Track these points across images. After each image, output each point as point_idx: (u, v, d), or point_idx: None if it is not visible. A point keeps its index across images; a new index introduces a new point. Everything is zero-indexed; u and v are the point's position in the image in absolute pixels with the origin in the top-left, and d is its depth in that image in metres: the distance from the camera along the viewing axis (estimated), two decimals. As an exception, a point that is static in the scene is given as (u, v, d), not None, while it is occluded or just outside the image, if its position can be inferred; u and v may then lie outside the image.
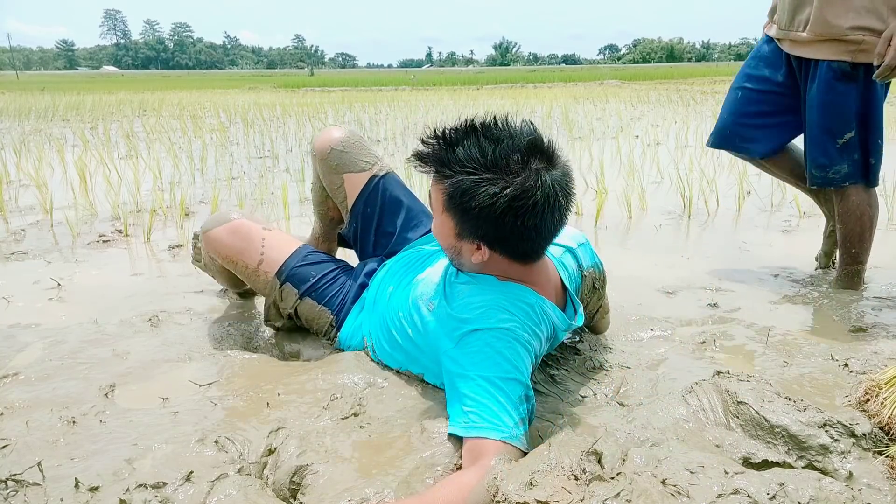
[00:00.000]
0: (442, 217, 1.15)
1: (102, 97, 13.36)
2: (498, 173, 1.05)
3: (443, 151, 1.10)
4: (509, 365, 1.08)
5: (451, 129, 1.11)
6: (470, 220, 1.10)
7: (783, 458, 1.06)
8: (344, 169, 1.58)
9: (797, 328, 1.71)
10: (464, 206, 1.08)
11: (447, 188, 1.10)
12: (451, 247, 1.18)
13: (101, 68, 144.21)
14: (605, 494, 0.89)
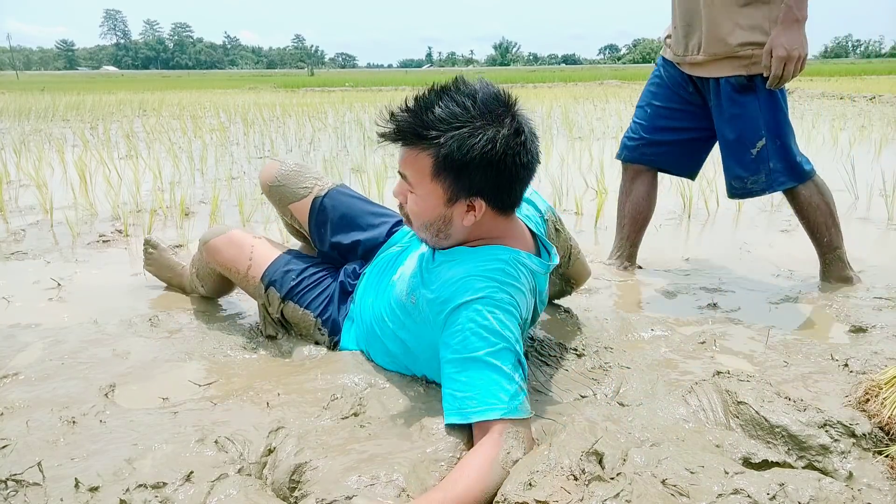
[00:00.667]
0: (429, 187, 1.13)
1: (102, 97, 13.36)
2: (488, 119, 1.09)
3: (420, 117, 1.10)
4: (495, 336, 1.08)
5: (422, 95, 1.12)
6: (468, 174, 1.11)
7: (783, 458, 1.06)
8: (287, 201, 1.63)
9: (797, 328, 1.71)
10: (463, 160, 1.09)
11: (438, 151, 1.09)
12: (440, 217, 1.16)
13: (101, 68, 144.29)
14: (604, 494, 0.89)
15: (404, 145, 1.13)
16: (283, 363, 1.49)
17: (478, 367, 1.07)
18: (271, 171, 1.64)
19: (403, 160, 1.15)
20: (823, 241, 2.02)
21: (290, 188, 1.62)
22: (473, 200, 1.14)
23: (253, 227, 2.91)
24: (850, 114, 7.94)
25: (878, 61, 58.07)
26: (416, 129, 1.10)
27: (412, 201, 1.18)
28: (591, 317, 1.77)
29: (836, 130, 6.04)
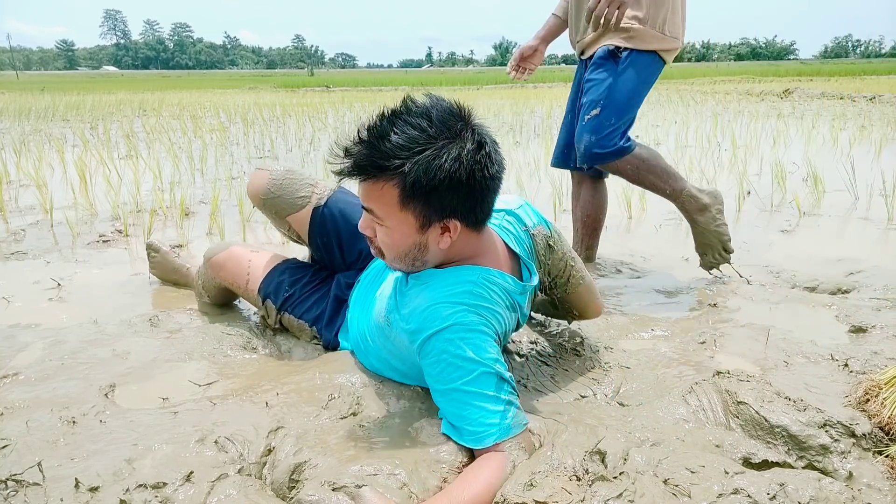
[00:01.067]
0: (399, 217, 1.09)
1: (102, 97, 13.36)
2: (448, 136, 1.05)
3: (377, 148, 1.04)
4: (471, 363, 1.06)
5: (373, 124, 1.06)
6: (438, 197, 1.06)
7: (783, 458, 1.06)
8: (284, 213, 1.56)
9: (797, 328, 1.71)
10: (430, 184, 1.04)
11: (404, 179, 1.04)
12: (414, 245, 1.12)
13: (101, 68, 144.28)
14: (607, 494, 0.89)
15: (365, 180, 1.07)
16: (281, 363, 1.49)
17: (460, 398, 1.06)
18: (261, 183, 1.54)
19: (366, 194, 1.09)
20: (667, 192, 2.03)
21: (286, 199, 1.54)
22: (447, 222, 1.10)
23: (253, 228, 2.91)
24: (850, 114, 7.94)
25: (878, 61, 58.11)
26: (376, 160, 1.04)
27: (383, 234, 1.12)
28: (591, 317, 1.77)
29: (836, 130, 6.05)
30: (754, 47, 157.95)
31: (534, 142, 5.85)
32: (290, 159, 5.01)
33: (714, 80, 19.96)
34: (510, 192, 3.56)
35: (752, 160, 4.56)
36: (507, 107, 9.72)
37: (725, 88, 14.78)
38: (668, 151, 5.08)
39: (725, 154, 4.94)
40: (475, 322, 1.09)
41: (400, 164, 1.03)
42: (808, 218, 3.00)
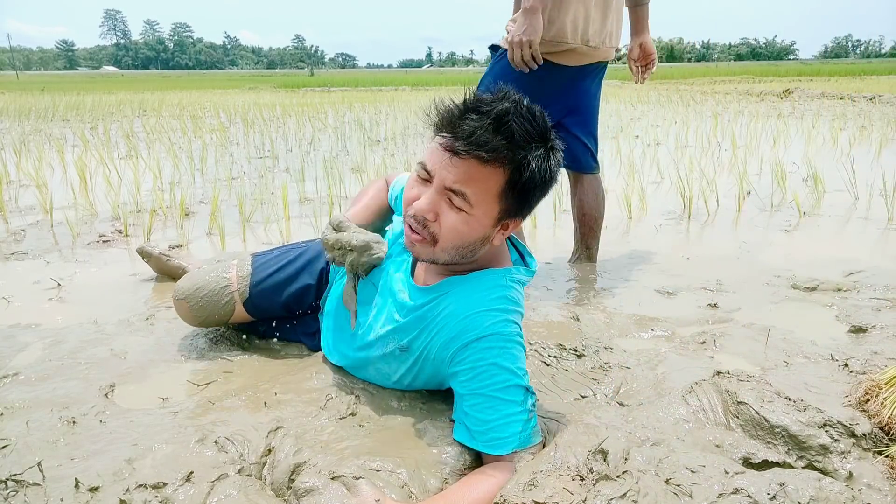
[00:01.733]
0: (489, 206, 1.04)
1: (102, 97, 13.36)
2: (550, 141, 1.06)
3: (509, 134, 1.00)
4: (506, 373, 1.07)
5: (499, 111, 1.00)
6: (531, 196, 1.06)
7: (783, 458, 1.06)
8: (223, 321, 1.52)
9: (797, 328, 1.71)
10: (535, 183, 1.04)
11: (518, 172, 1.02)
12: (481, 238, 1.08)
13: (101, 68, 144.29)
14: (611, 494, 0.89)
15: (480, 160, 1.00)
16: (280, 363, 1.49)
17: (489, 404, 1.06)
18: (185, 314, 1.50)
19: (465, 176, 1.01)
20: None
21: (216, 314, 1.48)
22: (513, 220, 1.09)
23: (253, 228, 2.91)
24: (850, 114, 7.94)
25: (878, 61, 58.10)
26: (509, 146, 1.00)
27: (457, 219, 1.05)
28: (591, 317, 1.77)
29: (836, 130, 6.05)
30: (754, 47, 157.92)
31: (534, 142, 5.84)
32: (291, 159, 5.01)
33: (714, 80, 19.98)
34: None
35: (752, 160, 4.56)
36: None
37: (725, 88, 14.78)
38: (669, 151, 5.08)
39: (725, 154, 4.94)
40: (513, 333, 1.10)
41: (522, 156, 1.01)
42: (808, 218, 3.00)
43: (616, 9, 2.02)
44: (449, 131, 1.02)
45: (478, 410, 1.06)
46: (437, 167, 1.04)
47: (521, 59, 1.88)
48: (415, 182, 1.09)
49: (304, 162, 4.73)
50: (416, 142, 5.92)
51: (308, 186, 3.82)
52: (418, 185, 1.08)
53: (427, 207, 1.06)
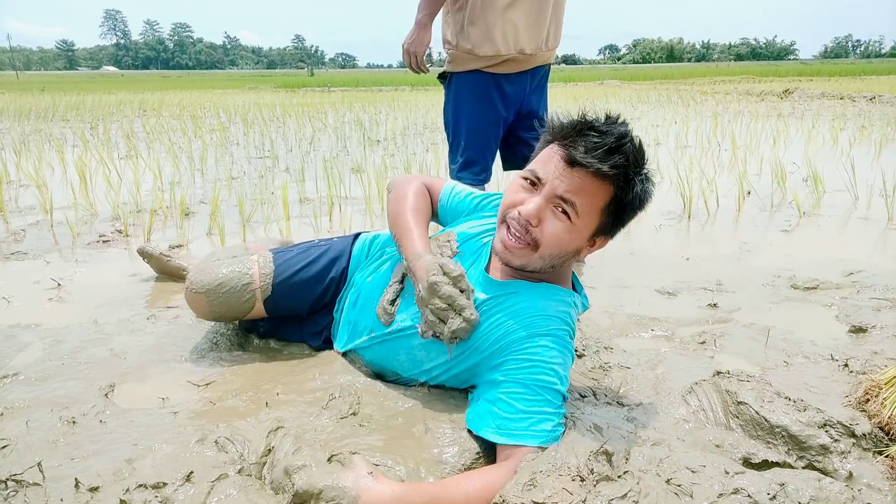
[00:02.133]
0: (592, 220, 1.11)
1: (102, 97, 13.37)
2: (646, 167, 1.13)
3: (632, 154, 1.08)
4: (555, 375, 1.09)
5: (620, 132, 1.09)
6: (627, 216, 1.14)
7: (783, 458, 1.06)
8: (238, 317, 1.50)
9: (797, 328, 1.71)
10: (637, 204, 1.12)
11: (626, 190, 1.09)
12: (576, 249, 1.15)
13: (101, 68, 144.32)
14: (611, 494, 0.89)
15: (595, 173, 1.07)
16: (281, 363, 1.49)
17: (531, 395, 1.07)
18: (202, 308, 1.46)
19: (579, 187, 1.08)
20: None
21: (235, 308, 1.45)
22: (603, 238, 1.17)
23: (253, 227, 2.91)
24: (850, 114, 7.94)
25: (878, 61, 58.09)
26: (630, 165, 1.08)
27: (561, 228, 1.10)
28: (591, 317, 1.77)
29: (836, 131, 6.05)
30: (754, 47, 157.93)
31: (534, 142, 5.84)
32: (291, 159, 5.01)
33: (714, 80, 19.97)
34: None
35: (752, 160, 4.56)
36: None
37: (725, 88, 14.78)
38: (669, 151, 5.08)
39: (725, 154, 4.94)
40: (570, 346, 1.15)
41: (631, 177, 1.09)
42: (808, 218, 3.00)
43: (554, 12, 2.10)
44: (570, 144, 1.09)
45: (515, 399, 1.08)
46: (550, 176, 1.10)
47: (408, 64, 2.10)
48: (520, 187, 1.14)
49: (304, 162, 4.73)
50: (415, 142, 5.92)
51: (308, 186, 3.82)
52: (524, 191, 1.14)
53: (534, 212, 1.10)
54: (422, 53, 2.02)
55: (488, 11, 1.99)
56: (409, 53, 2.05)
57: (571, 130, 1.10)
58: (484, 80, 2.08)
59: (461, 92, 2.12)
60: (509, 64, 2.06)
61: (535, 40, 2.07)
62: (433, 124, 7.39)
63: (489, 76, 2.07)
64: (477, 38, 2.02)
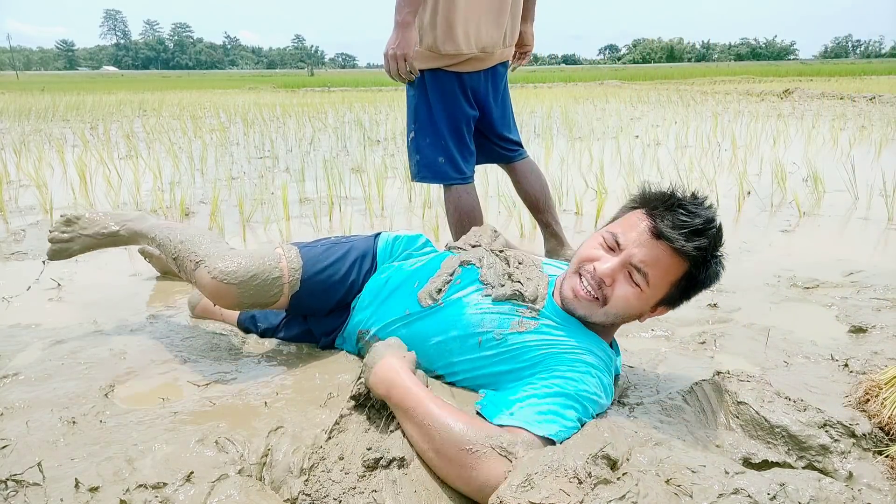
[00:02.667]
0: (660, 290, 1.16)
1: (102, 97, 13.36)
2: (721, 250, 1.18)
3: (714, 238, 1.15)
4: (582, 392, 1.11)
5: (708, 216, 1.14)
6: (691, 291, 1.19)
7: (783, 458, 1.06)
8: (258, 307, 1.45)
9: (797, 328, 1.71)
10: (704, 283, 1.17)
11: (699, 270, 1.14)
12: (640, 313, 1.20)
13: (101, 68, 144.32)
14: (610, 496, 0.89)
15: (673, 251, 1.12)
16: (281, 363, 1.49)
17: (556, 399, 1.09)
18: (231, 296, 1.37)
19: (656, 259, 1.13)
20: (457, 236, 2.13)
21: (260, 302, 1.42)
22: (665, 308, 1.22)
23: (253, 227, 2.91)
24: (850, 114, 7.94)
25: (878, 61, 58.11)
26: (711, 247, 1.14)
27: (631, 293, 1.16)
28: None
29: (836, 131, 6.05)
30: (754, 47, 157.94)
31: (534, 142, 5.85)
32: (291, 159, 5.01)
33: (714, 80, 19.97)
34: (509, 191, 3.56)
35: (752, 160, 4.56)
36: (507, 107, 9.71)
37: (725, 88, 14.78)
38: (669, 151, 5.08)
39: (725, 154, 4.94)
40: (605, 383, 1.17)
41: (708, 259, 1.15)
42: (808, 218, 3.00)
43: (512, 11, 2.09)
44: (657, 216, 1.14)
45: (536, 395, 1.10)
46: (630, 243, 1.15)
47: (396, 72, 1.96)
48: (598, 245, 1.20)
49: (304, 162, 4.73)
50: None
51: (308, 186, 3.82)
52: (602, 249, 1.19)
53: (609, 273, 1.16)
54: (411, 55, 1.92)
55: (451, 9, 1.97)
56: (397, 58, 1.92)
57: (661, 204, 1.15)
58: (448, 78, 2.06)
59: (433, 89, 2.08)
60: (470, 62, 2.05)
61: (496, 38, 2.06)
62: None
63: (453, 75, 2.06)
64: (440, 35, 1.99)
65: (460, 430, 0.99)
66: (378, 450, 1.02)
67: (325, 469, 1.01)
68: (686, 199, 1.16)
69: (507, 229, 2.88)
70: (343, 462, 1.01)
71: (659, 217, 1.14)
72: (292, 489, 0.99)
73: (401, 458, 1.01)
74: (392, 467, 1.00)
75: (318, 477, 1.00)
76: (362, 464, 1.00)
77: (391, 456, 1.01)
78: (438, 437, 0.99)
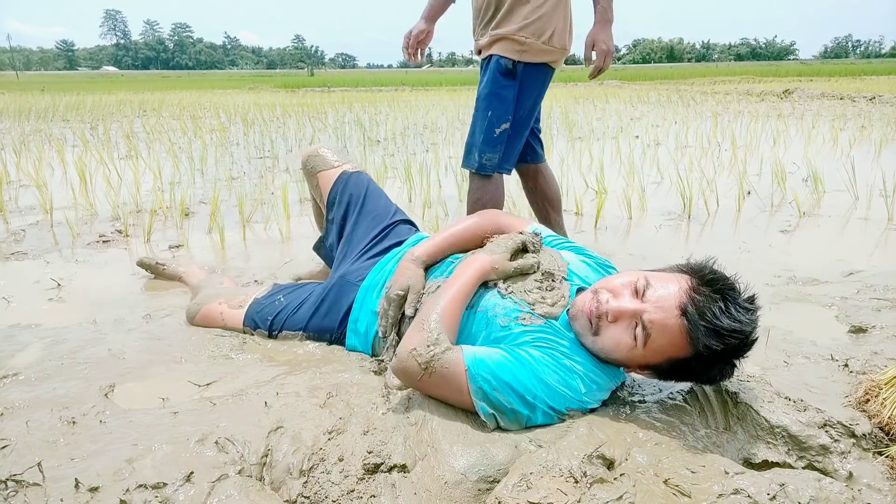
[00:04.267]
0: (651, 355, 1.12)
1: (102, 97, 13.36)
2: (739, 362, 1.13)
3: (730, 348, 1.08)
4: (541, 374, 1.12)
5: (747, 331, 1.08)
6: (682, 377, 1.16)
7: (783, 458, 1.06)
8: (318, 170, 1.84)
9: (797, 328, 1.71)
10: (687, 367, 1.11)
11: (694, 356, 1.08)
12: (627, 362, 1.17)
13: (101, 68, 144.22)
14: (607, 497, 0.89)
15: (687, 332, 1.06)
16: (281, 363, 1.49)
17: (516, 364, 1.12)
18: (311, 147, 1.88)
19: (664, 328, 1.08)
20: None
21: (325, 160, 1.84)
22: (652, 374, 1.18)
23: (253, 227, 2.91)
24: (850, 114, 7.94)
25: (878, 61, 58.08)
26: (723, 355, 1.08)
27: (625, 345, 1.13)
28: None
29: (836, 131, 6.05)
30: (754, 47, 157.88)
31: (534, 142, 5.84)
32: (291, 159, 5.01)
33: (714, 80, 19.97)
34: (509, 191, 3.56)
35: (752, 160, 4.56)
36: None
37: (725, 89, 14.78)
38: (669, 151, 5.08)
39: (725, 154, 4.94)
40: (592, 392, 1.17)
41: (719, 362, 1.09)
42: (808, 218, 3.00)
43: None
44: (696, 292, 1.07)
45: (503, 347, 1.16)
46: (653, 301, 1.10)
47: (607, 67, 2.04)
48: (629, 283, 1.15)
49: (304, 162, 4.72)
50: (415, 142, 5.92)
51: (308, 186, 3.81)
52: (625, 287, 1.15)
53: (615, 314, 1.13)
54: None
55: (567, 4, 2.01)
56: (610, 53, 2.02)
57: (710, 283, 1.09)
58: (545, 73, 2.05)
59: (528, 83, 2.03)
60: (557, 58, 2.05)
61: (570, 37, 2.09)
62: (433, 124, 7.39)
63: (550, 70, 2.06)
64: (559, 31, 2.00)
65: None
66: (379, 454, 1.02)
67: (324, 471, 1.01)
68: (736, 297, 1.09)
69: (507, 229, 2.87)
70: (342, 464, 1.01)
71: (697, 294, 1.07)
72: (291, 491, 0.99)
73: (402, 465, 1.01)
74: (393, 472, 1.00)
75: (317, 478, 1.00)
76: (362, 466, 1.00)
77: (392, 462, 1.01)
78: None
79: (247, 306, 1.66)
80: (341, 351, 1.52)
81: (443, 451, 1.04)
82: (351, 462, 1.01)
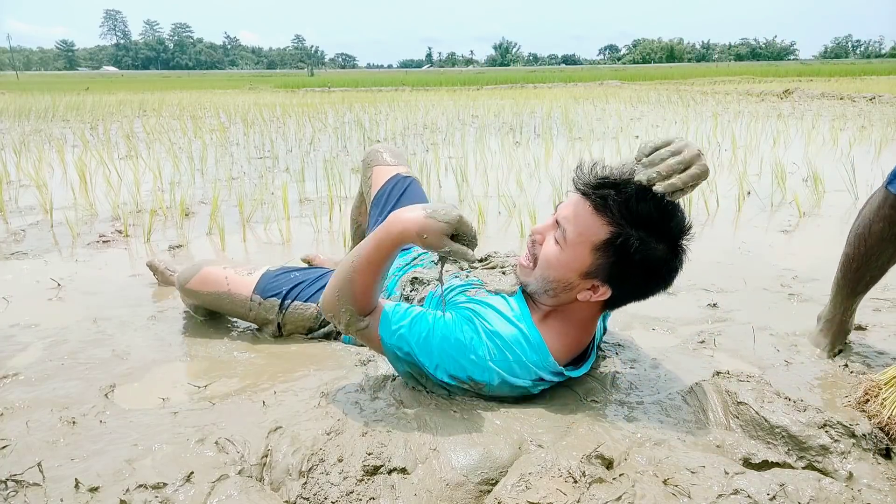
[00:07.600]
0: (581, 254, 1.10)
1: (102, 97, 13.36)
2: (669, 244, 1.10)
3: (629, 200, 1.06)
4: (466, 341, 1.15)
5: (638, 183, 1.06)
6: (620, 268, 1.10)
7: (783, 458, 1.06)
8: (375, 163, 1.87)
9: (797, 328, 1.71)
10: (626, 256, 1.08)
11: (617, 234, 1.07)
12: (566, 283, 1.14)
13: (101, 69, 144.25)
14: (606, 497, 0.89)
15: (593, 206, 1.07)
16: (280, 363, 1.49)
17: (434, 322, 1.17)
18: (380, 144, 1.94)
19: (573, 213, 1.09)
20: None
21: (386, 157, 1.87)
22: (603, 286, 1.13)
23: (253, 227, 2.91)
24: (850, 114, 7.94)
25: (878, 62, 58.08)
26: (620, 207, 1.06)
27: (552, 252, 1.13)
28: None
29: (836, 131, 6.04)
30: (754, 47, 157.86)
31: (534, 142, 5.85)
32: (291, 160, 5.01)
33: (714, 80, 19.97)
34: (509, 191, 3.56)
35: (752, 160, 4.56)
36: (508, 107, 9.73)
37: (725, 89, 14.78)
38: (668, 151, 5.07)
39: (725, 154, 4.94)
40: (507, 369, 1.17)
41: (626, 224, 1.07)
42: (808, 218, 3.00)
43: None
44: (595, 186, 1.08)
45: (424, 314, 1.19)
46: (564, 201, 1.14)
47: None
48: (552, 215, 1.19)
49: (304, 162, 4.72)
50: (415, 142, 5.92)
51: (308, 186, 3.82)
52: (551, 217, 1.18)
53: (540, 229, 1.17)
54: None
55: None
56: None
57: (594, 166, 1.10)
58: None
59: None
60: None
61: None
62: (433, 124, 7.39)
63: None
64: None
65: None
66: (379, 457, 1.02)
67: (323, 472, 1.01)
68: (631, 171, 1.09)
69: (507, 229, 2.87)
70: (342, 464, 1.01)
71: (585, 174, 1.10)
72: (290, 492, 0.99)
73: (402, 468, 1.01)
74: (393, 475, 1.00)
75: (316, 479, 1.00)
76: (362, 468, 1.00)
77: (392, 465, 1.01)
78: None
79: (257, 276, 1.61)
80: (341, 351, 1.52)
81: (444, 452, 1.04)
82: (350, 463, 1.01)
